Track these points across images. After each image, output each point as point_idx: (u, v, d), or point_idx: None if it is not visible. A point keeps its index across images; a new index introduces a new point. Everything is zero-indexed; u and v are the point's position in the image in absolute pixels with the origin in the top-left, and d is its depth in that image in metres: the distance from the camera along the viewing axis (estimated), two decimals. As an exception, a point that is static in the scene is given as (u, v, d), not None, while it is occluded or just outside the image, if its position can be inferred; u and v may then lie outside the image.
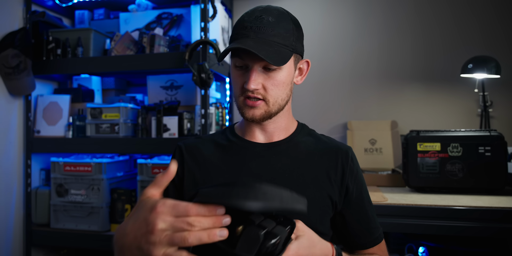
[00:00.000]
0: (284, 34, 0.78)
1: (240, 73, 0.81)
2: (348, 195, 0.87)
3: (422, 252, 1.65)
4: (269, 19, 0.78)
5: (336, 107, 2.17)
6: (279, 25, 0.78)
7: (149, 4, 2.10)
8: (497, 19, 1.98)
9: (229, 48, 0.76)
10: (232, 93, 0.88)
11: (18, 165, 1.93)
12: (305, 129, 0.95)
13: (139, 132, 1.86)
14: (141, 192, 1.82)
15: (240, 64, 0.81)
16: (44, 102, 2.00)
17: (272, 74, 0.80)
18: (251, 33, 0.77)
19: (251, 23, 0.78)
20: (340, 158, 0.88)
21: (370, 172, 1.84)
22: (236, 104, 0.85)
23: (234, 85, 0.84)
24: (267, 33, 0.77)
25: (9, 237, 1.86)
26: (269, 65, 0.78)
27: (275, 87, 0.80)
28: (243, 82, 0.80)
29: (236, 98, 0.84)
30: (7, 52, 1.78)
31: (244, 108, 0.82)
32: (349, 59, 2.15)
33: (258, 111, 0.81)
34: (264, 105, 0.81)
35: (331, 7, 2.18)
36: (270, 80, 0.80)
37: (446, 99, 2.04)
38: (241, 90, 0.81)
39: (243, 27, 0.78)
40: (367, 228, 0.89)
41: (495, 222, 1.29)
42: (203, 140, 0.93)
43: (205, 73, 1.66)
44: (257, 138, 0.89)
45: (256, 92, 0.79)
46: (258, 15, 0.78)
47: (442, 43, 2.05)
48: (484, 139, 1.52)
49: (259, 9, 0.80)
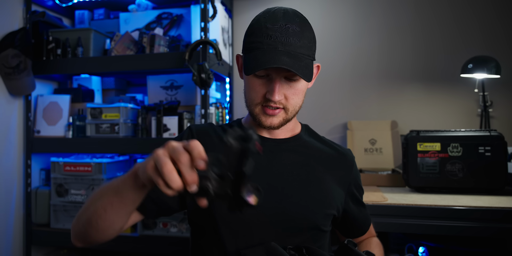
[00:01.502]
0: (308, 44, 0.78)
1: (261, 82, 0.79)
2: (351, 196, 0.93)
3: (422, 252, 1.65)
4: (294, 28, 0.76)
5: (336, 107, 2.17)
6: (304, 34, 0.77)
7: (149, 4, 2.10)
8: (498, 19, 1.98)
9: (267, 67, 0.73)
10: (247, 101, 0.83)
11: (18, 165, 1.93)
12: (309, 129, 0.98)
13: (139, 132, 1.86)
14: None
15: (262, 74, 0.79)
16: (44, 102, 2.00)
17: (293, 83, 0.80)
18: (279, 45, 0.75)
19: (276, 33, 0.75)
20: (345, 163, 0.93)
21: (370, 172, 1.84)
22: (251, 111, 0.83)
23: (252, 92, 0.81)
24: (295, 44, 0.75)
25: (9, 237, 1.86)
26: (291, 76, 0.78)
27: (295, 96, 0.81)
28: (264, 92, 0.79)
29: (253, 105, 0.82)
30: (7, 52, 1.78)
31: (262, 116, 0.81)
32: (349, 59, 2.15)
33: (277, 119, 0.82)
34: (283, 113, 0.82)
35: (331, 7, 2.18)
36: (292, 89, 0.80)
37: (446, 99, 2.04)
38: (261, 99, 0.80)
39: (267, 35, 0.75)
40: (365, 217, 0.99)
41: (495, 222, 1.29)
42: (215, 128, 0.92)
43: (205, 73, 1.66)
44: (264, 135, 0.90)
45: (278, 103, 0.79)
46: (283, 23, 0.76)
47: (442, 43, 2.04)
48: (484, 139, 1.52)
49: (280, 15, 0.77)
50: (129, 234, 1.83)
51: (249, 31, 0.80)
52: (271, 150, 0.87)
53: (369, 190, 1.62)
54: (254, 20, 0.81)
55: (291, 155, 0.87)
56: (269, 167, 0.84)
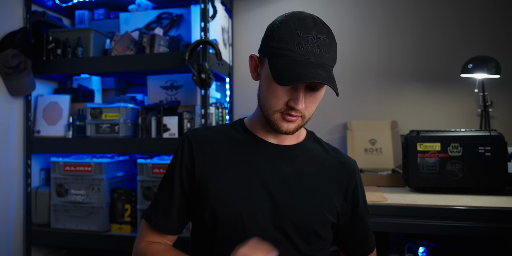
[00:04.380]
0: (334, 56, 0.79)
1: (284, 90, 0.78)
2: (354, 207, 0.91)
3: (422, 252, 1.65)
4: (324, 39, 0.76)
5: (336, 107, 2.17)
6: (331, 47, 0.78)
7: (149, 4, 2.10)
8: (499, 19, 1.98)
9: (307, 81, 0.71)
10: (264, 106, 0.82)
11: (18, 165, 1.93)
12: (314, 136, 0.97)
13: (139, 132, 1.86)
14: (141, 192, 1.82)
15: None
16: (44, 102, 2.00)
17: (314, 93, 0.80)
18: (311, 56, 0.74)
19: (308, 43, 0.74)
20: (348, 172, 0.91)
21: (370, 172, 1.84)
22: (268, 117, 0.81)
23: (273, 99, 0.79)
24: (325, 56, 0.76)
25: (9, 237, 1.86)
26: (314, 85, 0.78)
27: (313, 104, 0.81)
28: (287, 99, 0.78)
29: (271, 111, 0.80)
30: (7, 52, 1.78)
31: (280, 122, 0.81)
32: (349, 59, 2.15)
33: (293, 125, 0.81)
34: (300, 120, 0.82)
35: (331, 7, 2.18)
36: (312, 99, 0.80)
37: (446, 99, 2.04)
38: (283, 106, 0.79)
39: (299, 44, 0.74)
40: (366, 237, 0.95)
41: (495, 222, 1.29)
42: (213, 132, 0.92)
43: (205, 73, 1.66)
44: (268, 139, 0.89)
45: (299, 111, 0.79)
46: (315, 34, 0.75)
47: (443, 43, 2.04)
48: (484, 139, 1.52)
49: (311, 24, 0.76)
50: (129, 234, 1.83)
51: (277, 35, 0.77)
52: (275, 156, 0.87)
53: (369, 190, 1.62)
54: (281, 24, 0.77)
55: (293, 163, 0.87)
56: (271, 174, 0.84)
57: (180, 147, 0.90)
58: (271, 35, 0.78)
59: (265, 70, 0.80)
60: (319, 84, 0.77)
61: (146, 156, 2.01)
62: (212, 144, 0.88)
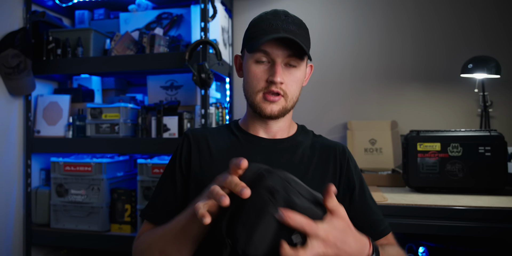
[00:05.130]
0: (305, 35, 0.84)
1: (262, 68, 0.83)
2: (350, 189, 0.91)
3: (422, 252, 1.65)
4: (293, 20, 0.83)
5: (336, 107, 2.17)
6: (301, 27, 0.84)
7: (149, 4, 2.10)
8: (499, 19, 1.98)
9: (274, 37, 0.78)
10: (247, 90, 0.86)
11: (18, 165, 1.93)
12: (304, 129, 0.99)
13: (139, 132, 1.86)
14: (141, 192, 1.82)
15: (263, 58, 0.82)
16: (44, 102, 2.00)
17: (292, 70, 0.83)
18: (281, 31, 0.80)
19: (278, 22, 0.81)
20: (339, 155, 0.92)
21: (370, 172, 1.84)
22: (251, 100, 0.85)
23: (253, 80, 0.84)
24: (295, 31, 0.81)
25: (9, 237, 1.86)
26: (292, 61, 0.82)
27: (294, 83, 0.84)
28: (266, 77, 0.82)
29: (254, 94, 0.84)
30: (7, 52, 1.78)
31: (262, 104, 0.83)
32: (349, 59, 2.15)
33: (277, 107, 0.84)
34: (283, 101, 0.84)
35: (331, 7, 2.18)
36: (291, 76, 0.83)
37: (446, 99, 2.04)
38: (264, 84, 0.82)
39: (269, 24, 0.81)
40: (372, 220, 0.93)
41: (496, 222, 1.29)
42: (210, 131, 0.95)
43: (205, 73, 1.66)
44: (261, 134, 0.92)
45: (279, 87, 0.82)
46: (283, 14, 0.82)
47: (443, 43, 2.04)
48: (484, 139, 1.52)
49: (281, 11, 0.84)
50: (129, 234, 1.83)
51: (251, 24, 0.85)
52: (267, 149, 0.89)
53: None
54: (252, 20, 0.86)
55: (286, 155, 0.89)
56: None
57: (180, 145, 0.93)
58: (247, 28, 0.86)
59: (245, 59, 0.86)
60: (296, 61, 0.82)
61: (146, 156, 2.01)
62: (209, 142, 0.92)
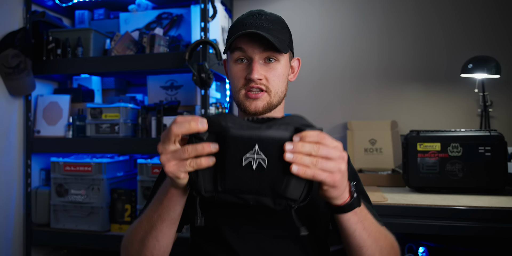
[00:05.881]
0: (281, 30, 0.83)
1: (240, 67, 0.83)
2: None
3: (422, 252, 1.65)
4: (267, 17, 0.83)
5: (336, 107, 2.17)
6: (276, 22, 0.83)
7: (149, 4, 2.10)
8: (499, 18, 1.97)
9: (240, 33, 0.78)
10: (232, 90, 0.86)
11: (18, 165, 1.93)
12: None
13: (139, 132, 1.86)
14: (141, 192, 1.82)
15: (241, 56, 0.82)
16: (44, 102, 2.00)
17: (272, 65, 0.83)
18: (253, 27, 0.80)
19: (250, 20, 0.82)
20: None
21: (370, 172, 1.84)
22: (236, 99, 0.85)
23: (234, 79, 0.84)
24: (267, 27, 0.81)
25: (9, 237, 1.86)
26: (270, 56, 0.82)
27: (276, 78, 0.83)
28: (244, 75, 0.82)
29: (237, 93, 0.84)
30: (7, 52, 1.78)
31: (245, 101, 0.83)
32: (349, 59, 2.15)
33: (261, 103, 0.82)
34: (267, 96, 0.83)
35: (331, 7, 2.18)
36: (272, 71, 0.82)
37: (446, 99, 2.04)
38: (243, 82, 0.82)
39: (242, 24, 0.82)
40: None
41: (496, 222, 1.29)
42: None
43: (205, 73, 1.66)
44: None
45: (259, 83, 0.81)
46: (256, 13, 0.83)
47: (443, 43, 2.04)
48: (484, 139, 1.52)
49: (255, 10, 0.85)
50: (129, 234, 1.83)
51: (229, 29, 0.87)
52: None
53: (369, 190, 1.61)
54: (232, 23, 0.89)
55: None
56: None
57: None
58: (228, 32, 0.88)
59: (227, 61, 0.88)
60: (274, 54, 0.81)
61: (146, 156, 2.01)
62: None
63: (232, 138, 0.57)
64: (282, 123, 0.58)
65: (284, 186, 0.57)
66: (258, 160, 0.57)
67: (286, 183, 0.57)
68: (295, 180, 0.57)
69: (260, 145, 0.57)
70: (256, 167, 0.57)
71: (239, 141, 0.57)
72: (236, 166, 0.57)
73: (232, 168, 0.58)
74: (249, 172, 0.57)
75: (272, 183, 0.57)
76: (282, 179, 0.57)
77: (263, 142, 0.57)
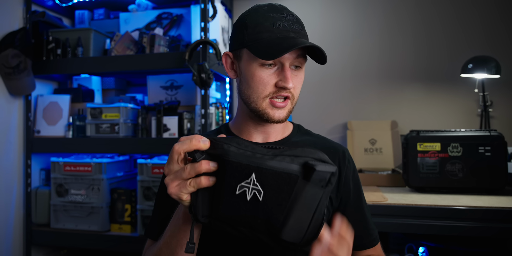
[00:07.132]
0: (306, 34, 0.80)
1: (269, 72, 0.76)
2: (347, 195, 0.87)
3: (422, 252, 1.65)
4: (296, 17, 0.78)
5: (336, 107, 2.17)
6: (302, 24, 0.80)
7: (149, 4, 2.10)
8: (500, 18, 1.97)
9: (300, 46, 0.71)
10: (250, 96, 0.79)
11: (18, 165, 1.93)
12: (301, 129, 0.94)
13: (139, 132, 1.86)
14: (141, 192, 1.82)
15: (270, 62, 0.76)
16: (44, 102, 2.00)
17: (298, 72, 0.79)
18: (291, 33, 0.75)
19: (283, 21, 0.75)
20: (337, 158, 0.87)
21: (370, 172, 1.84)
22: (255, 106, 0.78)
23: (259, 85, 0.76)
24: (302, 32, 0.77)
25: (9, 237, 1.86)
26: (297, 63, 0.78)
27: (299, 85, 0.80)
28: (274, 81, 0.76)
29: (259, 100, 0.77)
30: (7, 52, 1.78)
31: (269, 110, 0.77)
32: (349, 59, 2.15)
33: (283, 112, 0.79)
34: (289, 104, 0.80)
35: (331, 6, 2.18)
36: (297, 78, 0.79)
37: (446, 99, 2.04)
38: (272, 89, 0.76)
39: (275, 23, 0.75)
40: (365, 228, 0.89)
41: (496, 222, 1.29)
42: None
43: (205, 73, 1.66)
44: (253, 138, 0.86)
45: (289, 91, 0.77)
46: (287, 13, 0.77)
47: (443, 43, 2.04)
48: (484, 139, 1.52)
49: (281, 7, 0.79)
50: (129, 234, 1.83)
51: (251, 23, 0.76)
52: None
53: (369, 190, 1.62)
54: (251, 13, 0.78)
55: None
56: None
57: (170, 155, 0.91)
58: (244, 25, 0.77)
59: (245, 60, 0.78)
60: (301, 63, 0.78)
61: (146, 156, 2.01)
62: None
63: (230, 163, 0.54)
64: (289, 155, 0.54)
65: (281, 225, 0.52)
66: (253, 190, 0.53)
67: (283, 221, 0.52)
68: (294, 220, 0.52)
69: (258, 175, 0.53)
70: (250, 198, 0.53)
71: (236, 168, 0.54)
72: (230, 193, 0.54)
73: (227, 195, 0.54)
74: (243, 203, 0.53)
75: (267, 219, 0.53)
76: (278, 216, 0.52)
77: (262, 173, 0.53)
